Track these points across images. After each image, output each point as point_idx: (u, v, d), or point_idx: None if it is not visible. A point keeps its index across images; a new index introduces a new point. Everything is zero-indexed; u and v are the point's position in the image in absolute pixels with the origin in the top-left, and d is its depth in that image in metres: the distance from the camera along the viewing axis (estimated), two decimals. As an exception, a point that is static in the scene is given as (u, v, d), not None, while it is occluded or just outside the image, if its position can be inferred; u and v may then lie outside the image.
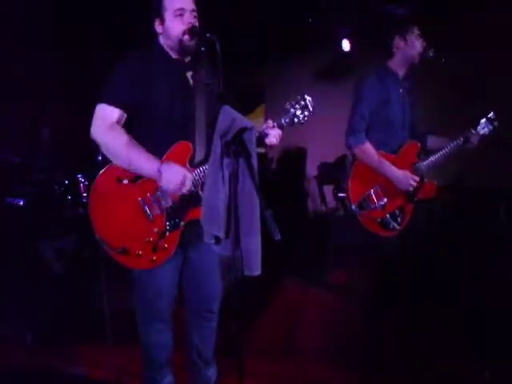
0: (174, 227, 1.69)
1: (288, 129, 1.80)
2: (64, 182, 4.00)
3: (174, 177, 1.61)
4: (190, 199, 1.69)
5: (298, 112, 1.78)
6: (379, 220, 2.27)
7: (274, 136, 1.75)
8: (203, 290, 1.88)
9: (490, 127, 2.40)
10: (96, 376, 2.35)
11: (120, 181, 1.68)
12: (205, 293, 1.89)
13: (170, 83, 1.72)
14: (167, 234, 1.68)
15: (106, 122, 1.64)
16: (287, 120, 1.78)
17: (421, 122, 2.51)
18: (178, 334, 1.87)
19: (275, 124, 1.77)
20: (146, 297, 1.77)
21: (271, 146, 1.77)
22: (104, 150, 1.67)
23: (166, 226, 1.68)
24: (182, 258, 1.81)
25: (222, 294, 1.93)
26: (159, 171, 1.61)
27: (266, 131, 1.74)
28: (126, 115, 1.69)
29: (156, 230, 1.68)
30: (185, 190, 1.64)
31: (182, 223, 1.70)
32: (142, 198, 1.68)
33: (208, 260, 1.82)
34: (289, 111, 1.79)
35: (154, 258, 1.68)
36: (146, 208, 1.68)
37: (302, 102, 1.79)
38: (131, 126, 1.71)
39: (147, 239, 1.67)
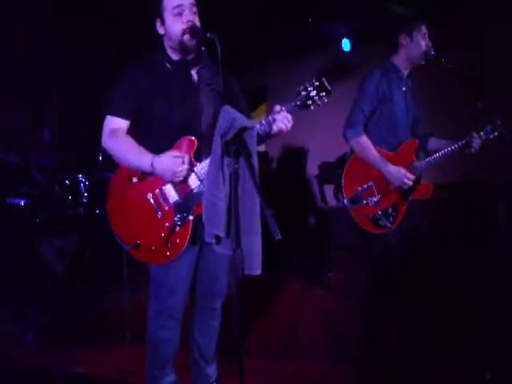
0: (183, 221, 1.70)
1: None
2: (65, 181, 4.00)
3: (165, 164, 1.63)
4: (197, 193, 1.70)
5: (313, 93, 1.64)
6: (370, 216, 2.25)
7: (280, 120, 1.61)
8: (210, 287, 1.90)
9: (496, 133, 2.33)
10: (96, 376, 2.35)
11: (130, 179, 1.74)
12: (211, 290, 1.91)
13: (173, 83, 1.74)
14: (177, 228, 1.70)
15: (109, 132, 1.74)
16: (298, 103, 1.64)
17: (421, 121, 2.51)
18: (181, 333, 1.87)
19: (283, 108, 1.64)
20: (161, 293, 1.79)
21: (280, 133, 1.65)
22: (112, 155, 1.76)
23: (174, 220, 1.70)
24: (197, 255, 1.82)
25: (225, 293, 1.94)
26: (152, 165, 1.64)
27: (272, 117, 1.63)
28: (129, 122, 1.76)
29: (167, 224, 1.70)
30: (182, 171, 1.64)
31: (191, 217, 1.71)
32: (151, 195, 1.71)
33: (217, 257, 1.83)
34: (300, 93, 1.65)
35: (168, 253, 1.71)
36: (155, 204, 1.71)
37: (317, 83, 1.65)
38: (137, 127, 1.77)
39: (159, 234, 1.70)
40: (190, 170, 1.69)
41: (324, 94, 1.66)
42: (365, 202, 2.24)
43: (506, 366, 2.31)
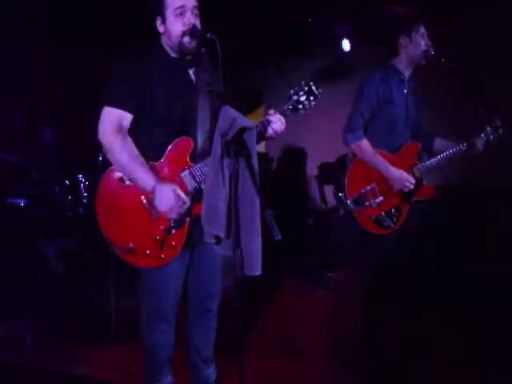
0: (180, 224, 1.68)
1: (288, 128, 1.74)
2: (65, 182, 4.00)
3: (165, 200, 1.61)
4: (194, 195, 1.68)
5: (303, 98, 1.70)
6: (373, 218, 2.26)
7: (275, 122, 1.67)
8: (204, 289, 1.89)
9: (496, 133, 2.35)
10: (96, 376, 2.35)
11: (123, 181, 1.69)
12: (206, 292, 1.90)
13: (171, 82, 1.72)
14: (173, 231, 1.68)
15: (112, 126, 1.65)
16: (290, 107, 1.71)
17: (422, 123, 2.51)
18: (178, 334, 1.87)
19: (277, 111, 1.70)
20: (153, 296, 1.77)
21: (275, 135, 1.69)
22: (107, 153, 1.68)
23: (171, 223, 1.68)
24: (189, 258, 1.81)
25: (221, 294, 1.94)
26: (153, 192, 1.61)
27: (268, 119, 1.67)
28: (131, 116, 1.68)
29: (162, 227, 1.67)
30: (174, 214, 1.64)
31: (187, 219, 1.69)
32: (145, 197, 1.67)
33: (212, 259, 1.82)
34: (291, 98, 1.71)
35: (162, 255, 1.68)
36: (149, 206, 1.67)
37: (306, 88, 1.70)
38: (133, 124, 1.71)
39: (154, 237, 1.67)
40: (188, 171, 1.68)
41: (312, 98, 1.71)
42: (367, 203, 2.24)
43: (506, 366, 2.31)
